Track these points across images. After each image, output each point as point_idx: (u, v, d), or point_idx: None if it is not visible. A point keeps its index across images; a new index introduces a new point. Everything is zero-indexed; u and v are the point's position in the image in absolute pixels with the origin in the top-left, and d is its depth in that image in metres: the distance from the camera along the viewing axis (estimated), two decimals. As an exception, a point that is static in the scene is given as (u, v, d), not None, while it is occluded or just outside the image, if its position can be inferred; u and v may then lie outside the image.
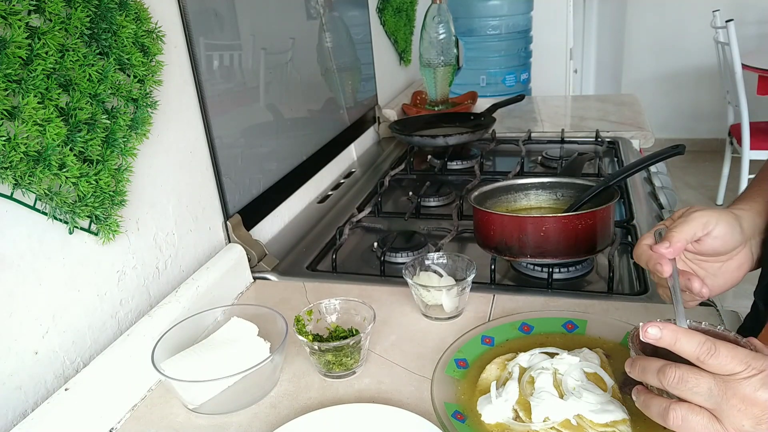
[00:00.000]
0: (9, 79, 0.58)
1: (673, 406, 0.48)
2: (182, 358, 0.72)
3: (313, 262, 1.06)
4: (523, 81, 2.70)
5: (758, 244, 0.65)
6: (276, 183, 1.18)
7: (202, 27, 0.94)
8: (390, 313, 0.86)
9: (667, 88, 4.36)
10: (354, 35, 1.61)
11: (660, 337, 0.49)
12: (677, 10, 4.15)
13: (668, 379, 0.48)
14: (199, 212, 0.95)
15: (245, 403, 0.70)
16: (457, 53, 1.85)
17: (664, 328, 0.49)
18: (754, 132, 3.05)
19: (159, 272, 0.85)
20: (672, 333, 0.48)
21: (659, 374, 0.49)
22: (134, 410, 0.72)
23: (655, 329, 0.49)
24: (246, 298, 0.96)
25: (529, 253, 0.89)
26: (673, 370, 0.48)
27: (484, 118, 1.67)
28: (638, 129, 1.66)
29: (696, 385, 0.47)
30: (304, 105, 1.33)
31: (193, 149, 0.93)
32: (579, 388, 0.61)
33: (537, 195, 1.05)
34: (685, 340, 0.48)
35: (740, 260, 0.64)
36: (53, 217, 0.66)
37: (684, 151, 0.89)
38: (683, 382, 0.47)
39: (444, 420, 0.61)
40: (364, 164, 1.60)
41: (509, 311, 0.83)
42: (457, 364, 0.70)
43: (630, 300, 0.85)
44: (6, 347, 0.62)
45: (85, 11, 0.67)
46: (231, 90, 1.04)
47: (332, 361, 0.72)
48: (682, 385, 0.47)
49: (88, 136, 0.68)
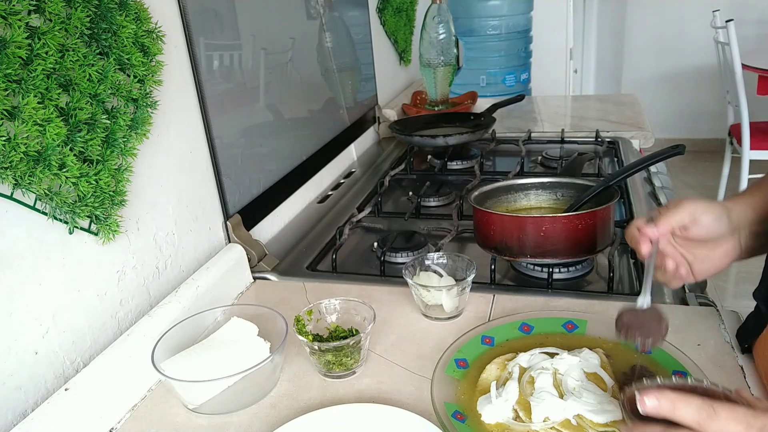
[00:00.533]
0: (9, 79, 0.58)
1: None
2: (182, 358, 0.72)
3: (313, 262, 1.06)
4: (523, 81, 2.70)
5: (747, 235, 0.69)
6: (276, 183, 1.18)
7: (202, 27, 0.94)
8: (390, 313, 0.86)
9: (667, 88, 4.36)
10: (354, 35, 1.61)
11: (658, 406, 0.49)
12: (677, 10, 4.15)
13: None
14: (199, 212, 0.95)
15: (245, 403, 0.70)
16: (457, 53, 1.85)
17: (661, 397, 0.49)
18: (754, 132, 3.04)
19: (159, 272, 0.85)
20: (669, 402, 0.48)
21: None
22: (134, 410, 0.72)
23: (652, 400, 0.49)
24: (246, 298, 0.96)
25: (529, 253, 0.89)
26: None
27: (484, 118, 1.67)
28: (638, 129, 1.66)
29: None
30: (304, 105, 1.33)
31: (193, 149, 0.93)
32: (579, 388, 0.61)
33: (537, 195, 1.05)
34: (683, 406, 0.48)
35: (726, 248, 0.68)
36: (53, 217, 0.66)
37: (684, 151, 0.89)
38: None
39: (444, 420, 0.61)
40: (364, 164, 1.60)
41: (509, 311, 0.83)
42: (457, 364, 0.70)
43: (630, 300, 0.84)
44: (6, 347, 0.62)
45: (85, 11, 0.67)
46: (231, 90, 1.04)
47: (332, 361, 0.72)
48: None
49: (88, 136, 0.68)
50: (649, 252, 0.65)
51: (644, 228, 0.65)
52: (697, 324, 0.76)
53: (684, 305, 0.83)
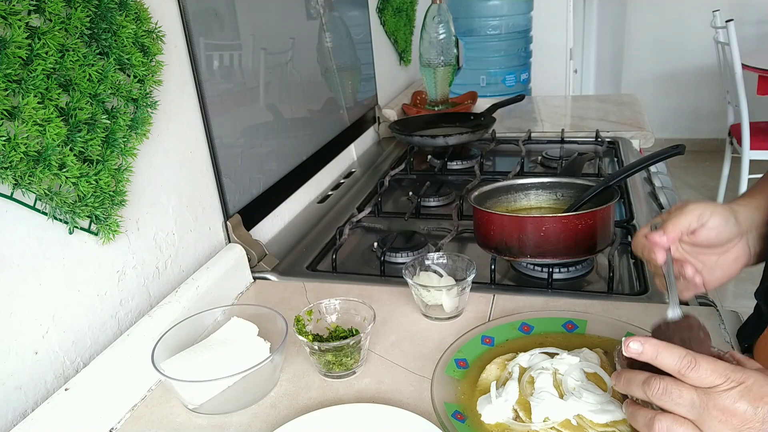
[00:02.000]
0: (9, 79, 0.58)
1: (658, 416, 0.50)
2: (182, 358, 0.72)
3: (313, 262, 1.06)
4: (523, 81, 2.70)
5: (756, 238, 0.67)
6: (276, 183, 1.18)
7: (202, 27, 0.94)
8: (390, 313, 0.86)
9: (667, 88, 4.36)
10: (354, 35, 1.61)
11: (641, 351, 0.51)
12: (677, 10, 4.15)
13: (653, 390, 0.50)
14: (199, 212, 0.95)
15: (245, 403, 0.70)
16: (457, 53, 1.85)
17: (645, 342, 0.50)
18: (754, 132, 3.05)
19: (159, 272, 0.85)
20: (653, 347, 0.50)
21: (644, 386, 0.50)
22: (134, 410, 0.72)
23: (636, 344, 0.51)
24: (246, 298, 0.96)
25: (529, 253, 0.89)
26: (657, 382, 0.50)
27: (484, 118, 1.67)
28: (638, 129, 1.66)
29: (679, 397, 0.49)
30: (304, 105, 1.33)
31: (193, 149, 0.93)
32: (579, 388, 0.61)
33: (537, 195, 1.05)
34: (666, 353, 0.49)
35: (736, 253, 0.66)
36: (53, 217, 0.66)
37: (684, 151, 0.89)
38: (667, 394, 0.49)
39: (444, 420, 0.61)
40: (364, 164, 1.60)
41: (509, 311, 0.83)
42: (457, 364, 0.70)
43: (630, 300, 0.85)
44: (6, 347, 0.62)
45: (85, 11, 0.67)
46: (231, 90, 1.04)
47: (332, 361, 0.72)
48: (666, 396, 0.49)
49: (88, 136, 0.68)
50: (664, 260, 0.61)
51: (652, 236, 0.62)
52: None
53: (684, 305, 0.83)
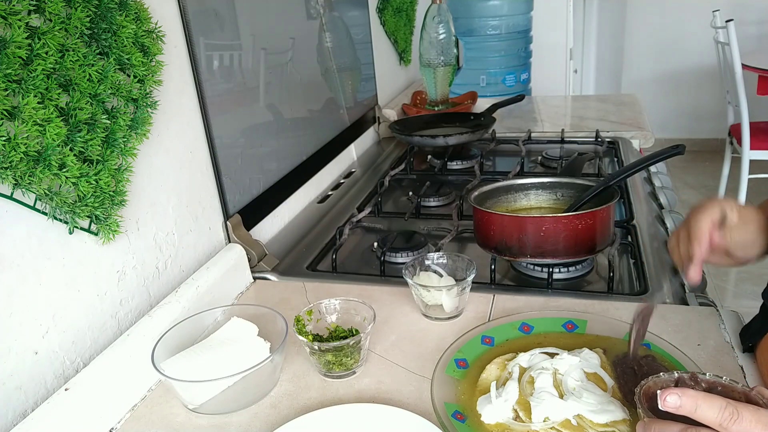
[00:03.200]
0: (9, 79, 0.58)
1: None
2: (182, 358, 0.72)
3: (313, 262, 1.06)
4: (523, 81, 2.70)
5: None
6: (276, 183, 1.18)
7: (202, 27, 0.94)
8: (390, 313, 0.86)
9: (667, 88, 4.36)
10: (354, 35, 1.61)
11: (680, 406, 0.47)
12: (677, 10, 4.15)
13: None
14: (199, 212, 0.95)
15: (245, 403, 0.70)
16: (457, 53, 1.85)
17: (683, 395, 0.47)
18: (754, 132, 3.04)
19: (159, 272, 0.85)
20: (691, 400, 0.47)
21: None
22: (134, 410, 0.72)
23: (674, 397, 0.47)
24: (246, 298, 0.96)
25: (529, 253, 0.89)
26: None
27: (484, 118, 1.67)
28: (638, 129, 1.66)
29: None
30: (304, 105, 1.33)
31: (193, 149, 0.93)
32: (579, 388, 0.61)
33: (537, 195, 1.05)
34: (706, 406, 0.46)
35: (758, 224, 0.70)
36: (53, 217, 0.66)
37: (684, 151, 0.89)
38: None
39: (444, 420, 0.61)
40: (364, 164, 1.60)
41: (509, 311, 0.83)
42: (457, 364, 0.70)
43: (630, 300, 0.85)
44: (6, 347, 0.62)
45: (85, 11, 0.67)
46: (231, 90, 1.04)
47: (332, 361, 0.72)
48: None
49: (88, 136, 0.68)
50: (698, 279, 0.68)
51: (695, 251, 0.67)
52: (697, 324, 0.76)
53: (684, 305, 0.83)
